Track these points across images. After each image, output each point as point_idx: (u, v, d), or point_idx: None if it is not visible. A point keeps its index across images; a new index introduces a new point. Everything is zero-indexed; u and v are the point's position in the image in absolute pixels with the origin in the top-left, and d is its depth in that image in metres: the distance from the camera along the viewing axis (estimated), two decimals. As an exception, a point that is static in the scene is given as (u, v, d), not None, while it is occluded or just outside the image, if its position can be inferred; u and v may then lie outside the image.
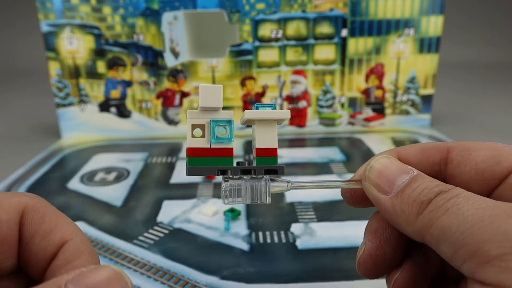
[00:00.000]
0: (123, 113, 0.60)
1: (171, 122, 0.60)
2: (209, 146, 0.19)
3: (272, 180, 0.20)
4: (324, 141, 0.57)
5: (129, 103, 0.60)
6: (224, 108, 0.19)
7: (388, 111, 0.61)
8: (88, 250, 0.17)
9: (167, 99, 0.59)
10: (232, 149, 0.19)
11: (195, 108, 0.60)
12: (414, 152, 0.20)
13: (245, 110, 0.19)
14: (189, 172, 0.19)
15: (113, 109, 0.60)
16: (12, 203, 0.16)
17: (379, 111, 0.61)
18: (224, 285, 0.27)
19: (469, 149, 0.19)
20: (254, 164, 0.19)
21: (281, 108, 0.59)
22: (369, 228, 0.20)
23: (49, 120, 0.69)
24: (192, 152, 0.19)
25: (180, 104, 0.60)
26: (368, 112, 0.61)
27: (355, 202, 0.21)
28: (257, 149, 0.19)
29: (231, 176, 0.19)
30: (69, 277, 0.13)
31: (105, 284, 0.13)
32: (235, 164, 0.19)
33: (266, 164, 0.19)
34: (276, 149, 0.19)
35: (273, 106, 0.19)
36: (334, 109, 0.61)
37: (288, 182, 0.20)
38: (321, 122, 0.61)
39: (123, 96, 0.59)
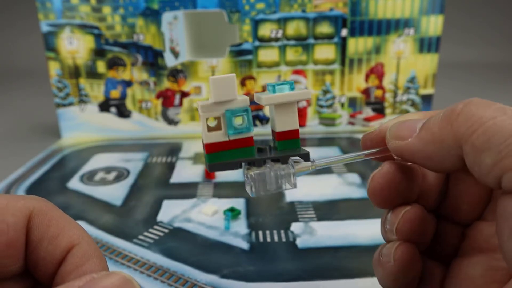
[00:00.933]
0: (123, 113, 0.60)
1: (171, 122, 0.60)
2: (227, 139, 0.18)
3: (295, 162, 0.19)
4: (324, 141, 0.57)
5: (129, 103, 0.60)
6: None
7: (388, 111, 0.61)
8: (96, 254, 0.17)
9: (167, 99, 0.59)
10: (252, 137, 0.18)
11: (195, 108, 0.60)
12: None
13: (262, 96, 0.18)
14: (211, 169, 0.18)
15: (113, 109, 0.60)
16: (19, 206, 0.16)
17: (379, 111, 0.61)
18: (224, 284, 0.27)
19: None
20: (274, 147, 0.19)
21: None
22: (389, 158, 0.20)
23: (49, 120, 0.69)
24: (211, 148, 0.17)
25: (180, 104, 0.60)
26: (368, 112, 0.61)
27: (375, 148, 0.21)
28: (278, 133, 0.18)
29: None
30: (80, 283, 0.13)
31: None
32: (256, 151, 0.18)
33: (289, 147, 0.18)
34: (297, 130, 0.19)
35: (291, 84, 0.18)
36: (334, 109, 0.61)
37: (312, 161, 0.19)
38: (321, 122, 0.61)
39: (123, 96, 0.59)
